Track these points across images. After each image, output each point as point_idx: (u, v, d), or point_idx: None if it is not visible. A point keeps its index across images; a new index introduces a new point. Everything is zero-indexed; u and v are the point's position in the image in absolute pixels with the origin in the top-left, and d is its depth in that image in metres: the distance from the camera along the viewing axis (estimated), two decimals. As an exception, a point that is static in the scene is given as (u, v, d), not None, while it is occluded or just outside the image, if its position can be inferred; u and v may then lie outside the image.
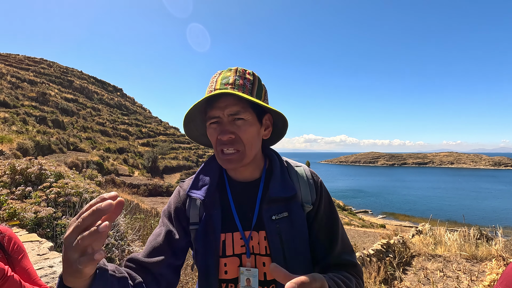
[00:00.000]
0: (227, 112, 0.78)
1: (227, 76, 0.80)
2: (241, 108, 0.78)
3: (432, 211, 37.67)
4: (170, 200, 0.91)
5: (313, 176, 0.92)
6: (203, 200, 0.84)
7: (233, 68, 0.83)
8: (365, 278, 4.46)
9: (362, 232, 19.87)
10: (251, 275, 0.80)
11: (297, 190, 0.86)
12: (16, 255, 1.11)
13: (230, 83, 0.79)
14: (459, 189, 79.77)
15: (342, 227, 0.91)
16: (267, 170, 0.91)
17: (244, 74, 0.82)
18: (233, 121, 0.79)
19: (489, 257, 5.53)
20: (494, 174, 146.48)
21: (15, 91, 32.40)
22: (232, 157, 0.80)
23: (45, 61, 53.31)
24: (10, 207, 3.39)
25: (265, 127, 0.87)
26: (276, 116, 0.87)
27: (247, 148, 0.80)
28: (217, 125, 0.80)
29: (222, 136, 0.78)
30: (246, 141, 0.80)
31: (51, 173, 4.32)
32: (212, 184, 0.87)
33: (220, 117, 0.79)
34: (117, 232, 4.16)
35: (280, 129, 0.92)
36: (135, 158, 32.42)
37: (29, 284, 1.08)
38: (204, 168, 0.91)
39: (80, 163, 17.29)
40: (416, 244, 6.74)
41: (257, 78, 0.84)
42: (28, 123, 23.92)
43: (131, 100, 66.71)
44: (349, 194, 66.79)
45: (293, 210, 0.84)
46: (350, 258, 0.86)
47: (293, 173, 0.91)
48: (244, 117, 0.79)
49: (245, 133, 0.79)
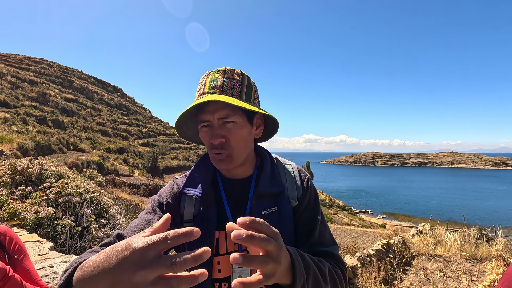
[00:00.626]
0: (217, 116, 0.78)
1: (215, 79, 0.80)
2: (230, 111, 0.78)
3: (432, 211, 37.65)
4: (162, 192, 0.89)
5: (300, 173, 0.94)
6: (200, 197, 0.84)
7: (221, 68, 0.82)
8: (365, 278, 4.46)
9: (362, 232, 19.87)
10: (243, 272, 0.79)
11: (285, 186, 0.88)
12: (17, 255, 1.11)
13: (218, 86, 0.79)
14: (459, 189, 79.74)
15: (325, 224, 0.91)
16: (258, 167, 0.93)
17: (232, 75, 0.81)
18: (223, 124, 0.79)
19: (489, 257, 5.52)
20: (495, 174, 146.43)
21: (15, 91, 32.42)
22: (224, 158, 0.81)
23: (45, 61, 53.34)
24: (11, 207, 3.40)
25: (257, 126, 0.88)
26: (266, 115, 0.88)
27: (238, 150, 0.81)
28: (208, 128, 0.81)
29: (213, 140, 0.79)
30: (237, 144, 0.80)
31: (51, 173, 4.32)
32: (207, 182, 0.87)
33: (211, 121, 0.80)
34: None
35: (271, 127, 0.94)
36: (135, 158, 32.44)
37: (30, 284, 1.08)
38: (198, 166, 0.92)
39: (80, 163, 17.30)
40: (416, 244, 6.74)
41: (246, 77, 0.84)
42: (28, 123, 23.94)
43: (131, 100, 66.73)
44: (349, 194, 66.77)
45: (282, 205, 0.85)
46: (326, 249, 0.85)
47: (281, 170, 0.93)
48: (234, 120, 0.79)
49: (235, 135, 0.80)
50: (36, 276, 1.14)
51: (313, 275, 0.68)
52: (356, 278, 4.50)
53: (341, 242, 12.39)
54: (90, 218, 3.81)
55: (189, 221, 0.85)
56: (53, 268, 2.65)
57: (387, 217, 41.24)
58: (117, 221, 4.35)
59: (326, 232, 0.91)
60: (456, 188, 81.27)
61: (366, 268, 4.74)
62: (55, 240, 3.45)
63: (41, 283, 1.15)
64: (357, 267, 4.73)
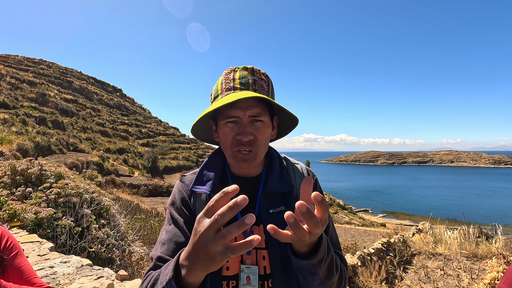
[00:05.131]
0: (249, 113, 0.79)
1: (245, 76, 0.81)
2: (261, 110, 0.80)
3: (432, 209, 37.66)
4: (175, 196, 0.90)
5: (309, 173, 0.95)
6: (209, 195, 0.84)
7: (248, 67, 0.83)
8: (366, 277, 4.46)
9: (362, 231, 19.89)
10: (251, 272, 0.80)
11: (294, 185, 0.88)
12: (8, 252, 1.09)
13: (250, 83, 0.80)
14: (459, 187, 79.83)
15: (333, 224, 0.93)
16: (267, 166, 0.93)
17: (260, 75, 0.83)
18: (252, 122, 0.80)
19: (489, 255, 5.53)
20: (494, 172, 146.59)
21: (14, 92, 32.40)
22: (248, 157, 0.81)
23: (44, 62, 53.30)
24: (11, 208, 3.39)
25: (273, 128, 0.89)
26: (283, 118, 0.90)
27: (261, 149, 0.83)
28: (235, 124, 0.80)
29: (242, 137, 0.79)
30: (262, 143, 0.82)
31: (51, 173, 4.32)
32: (217, 179, 0.88)
33: (240, 118, 0.80)
34: (117, 233, 4.16)
35: (283, 129, 0.95)
36: (135, 158, 32.44)
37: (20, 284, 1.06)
38: (207, 163, 0.92)
39: (80, 164, 17.30)
40: (416, 242, 6.75)
41: (270, 79, 0.86)
42: (27, 124, 23.92)
43: (131, 100, 66.72)
44: (349, 193, 66.82)
45: (290, 205, 0.85)
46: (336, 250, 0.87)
47: (291, 169, 0.94)
48: (263, 119, 0.80)
49: (263, 135, 0.81)
50: (29, 274, 1.11)
51: (331, 258, 0.72)
52: (357, 277, 4.51)
53: (341, 241, 12.39)
54: (90, 218, 3.80)
55: None
56: (53, 269, 2.65)
57: (387, 215, 41.28)
58: (117, 221, 4.34)
59: (335, 234, 0.92)
60: (456, 187, 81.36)
61: (367, 267, 4.74)
62: (55, 241, 3.45)
63: (37, 280, 1.12)
64: (358, 266, 4.73)
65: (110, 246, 3.74)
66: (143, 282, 0.73)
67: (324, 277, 0.71)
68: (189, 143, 49.37)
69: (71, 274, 2.59)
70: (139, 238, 5.05)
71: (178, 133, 54.83)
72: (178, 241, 0.80)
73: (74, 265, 2.74)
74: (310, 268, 0.69)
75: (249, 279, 0.80)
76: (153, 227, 6.27)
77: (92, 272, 2.67)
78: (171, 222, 0.86)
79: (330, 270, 0.71)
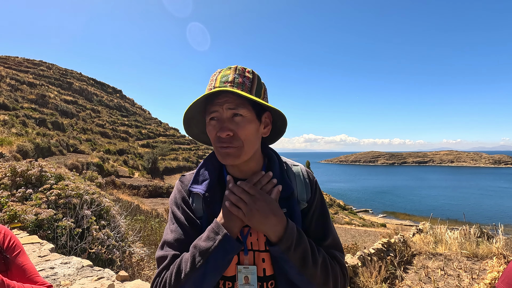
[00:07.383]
0: (226, 106, 0.80)
1: (226, 75, 0.82)
2: (239, 103, 0.80)
3: (433, 209, 37.60)
4: (176, 196, 0.91)
5: (309, 175, 0.96)
6: (203, 195, 0.85)
7: (232, 66, 0.84)
8: (366, 277, 4.46)
9: (362, 231, 19.88)
10: (249, 272, 0.80)
11: (294, 188, 0.89)
12: (11, 251, 1.10)
13: (229, 81, 0.81)
14: (460, 187, 79.74)
15: (333, 225, 0.95)
16: (266, 168, 0.93)
17: (243, 73, 0.83)
18: (232, 118, 0.80)
19: (490, 255, 5.53)
20: (495, 172, 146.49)
21: (14, 93, 32.39)
22: (230, 151, 0.80)
23: (44, 63, 53.30)
24: (11, 209, 3.40)
25: (265, 125, 0.88)
26: (275, 114, 0.88)
27: (245, 144, 0.81)
28: (217, 122, 0.82)
29: (221, 133, 0.79)
30: (244, 138, 0.81)
31: (51, 175, 4.32)
32: (213, 180, 0.88)
33: (219, 112, 0.81)
34: (117, 234, 4.16)
35: (279, 127, 0.94)
36: (135, 159, 32.40)
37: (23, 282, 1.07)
38: (204, 164, 0.93)
39: (80, 165, 17.29)
40: (416, 243, 6.74)
41: (257, 76, 0.86)
42: (27, 125, 23.92)
43: (131, 101, 66.69)
44: (350, 193, 66.78)
45: (291, 207, 0.86)
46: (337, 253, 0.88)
47: (290, 172, 0.94)
48: (242, 113, 0.80)
49: (243, 130, 0.80)
50: (32, 273, 1.13)
51: (304, 247, 0.78)
52: (357, 277, 4.51)
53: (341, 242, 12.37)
54: (91, 219, 3.80)
55: (201, 217, 0.87)
56: (54, 270, 2.65)
57: (387, 216, 41.25)
58: (118, 222, 4.34)
59: (337, 237, 0.93)
60: (456, 187, 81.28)
61: (367, 267, 4.74)
62: (55, 242, 3.45)
63: (39, 279, 1.13)
64: (358, 266, 4.73)
65: (110, 247, 3.74)
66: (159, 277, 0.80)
67: (299, 266, 0.77)
68: (189, 144, 49.34)
69: (72, 275, 2.59)
70: (140, 239, 5.05)
71: (178, 134, 54.82)
72: (184, 240, 0.83)
73: (75, 266, 2.74)
74: (281, 255, 0.77)
75: (247, 279, 0.80)
76: (153, 228, 6.26)
77: (93, 273, 2.67)
78: (175, 221, 0.87)
79: (304, 258, 0.77)
